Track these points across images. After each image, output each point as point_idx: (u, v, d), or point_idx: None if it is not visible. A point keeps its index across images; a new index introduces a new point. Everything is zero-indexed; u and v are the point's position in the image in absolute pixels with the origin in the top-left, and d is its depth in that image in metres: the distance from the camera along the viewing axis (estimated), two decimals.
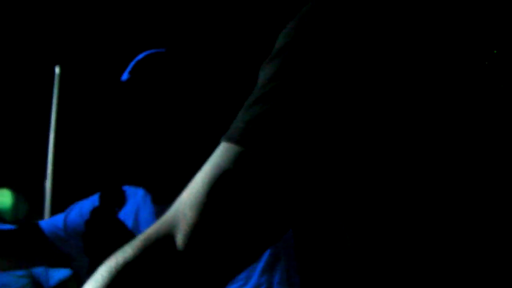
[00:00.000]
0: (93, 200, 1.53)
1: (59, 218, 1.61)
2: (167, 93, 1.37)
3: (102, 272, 0.70)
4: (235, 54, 3.15)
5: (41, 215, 3.19)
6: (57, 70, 2.42)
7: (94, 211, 1.34)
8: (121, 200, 1.38)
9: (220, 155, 0.69)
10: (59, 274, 2.42)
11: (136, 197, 1.49)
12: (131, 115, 1.37)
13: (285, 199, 0.65)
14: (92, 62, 3.43)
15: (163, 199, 1.42)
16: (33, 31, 3.36)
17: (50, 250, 1.55)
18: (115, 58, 3.59)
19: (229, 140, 0.68)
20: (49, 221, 1.62)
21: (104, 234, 1.32)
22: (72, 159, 3.00)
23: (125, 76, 1.43)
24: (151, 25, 3.48)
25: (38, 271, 2.63)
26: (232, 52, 3.16)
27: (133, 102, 1.37)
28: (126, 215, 1.46)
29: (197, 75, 1.40)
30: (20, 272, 2.64)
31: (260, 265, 1.27)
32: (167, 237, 0.68)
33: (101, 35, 3.50)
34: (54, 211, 2.84)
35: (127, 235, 1.34)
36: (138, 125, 1.37)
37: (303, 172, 0.64)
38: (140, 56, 1.44)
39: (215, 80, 1.44)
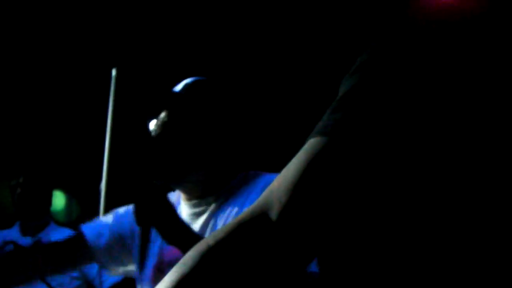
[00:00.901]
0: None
1: (105, 225, 1.72)
2: (209, 112, 1.63)
3: (192, 254, 0.75)
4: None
5: (95, 218, 3.22)
6: (113, 72, 2.43)
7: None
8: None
9: (311, 147, 0.79)
10: (112, 278, 2.44)
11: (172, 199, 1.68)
12: (181, 124, 1.61)
13: (363, 182, 0.77)
14: (148, 64, 3.46)
15: (195, 195, 1.63)
16: (91, 35, 3.40)
17: (87, 259, 1.69)
18: (169, 60, 3.61)
19: (319, 134, 0.78)
20: (94, 229, 1.71)
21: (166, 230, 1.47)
22: (127, 161, 3.01)
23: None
24: (200, 33, 3.49)
25: (92, 274, 2.65)
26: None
27: (184, 114, 1.61)
28: None
29: (230, 101, 1.68)
30: (74, 274, 2.67)
31: None
32: (262, 217, 0.77)
33: (156, 39, 3.53)
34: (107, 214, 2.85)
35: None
36: (183, 133, 1.60)
37: (378, 160, 0.77)
38: (189, 80, 1.68)
39: (242, 104, 1.70)
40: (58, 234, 2.80)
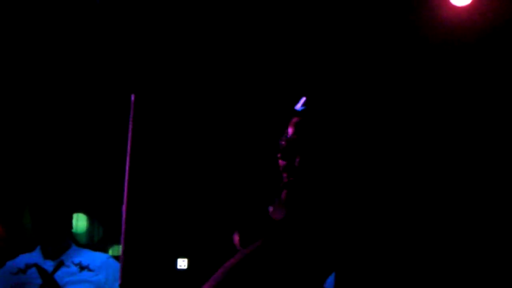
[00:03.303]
0: None
1: None
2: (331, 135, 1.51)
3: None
4: None
5: (116, 240, 3.26)
6: (132, 97, 2.48)
7: None
8: None
9: None
10: None
11: None
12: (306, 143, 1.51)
13: None
14: (166, 89, 3.51)
15: None
16: (110, 61, 3.47)
17: None
18: (187, 85, 3.67)
19: None
20: None
21: None
22: (148, 183, 3.06)
23: (300, 107, 1.57)
24: (221, 56, 3.54)
25: None
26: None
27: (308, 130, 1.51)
28: None
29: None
30: None
31: None
32: None
33: (174, 65, 3.59)
34: (129, 236, 2.89)
35: None
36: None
37: None
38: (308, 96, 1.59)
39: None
40: (80, 256, 2.81)
